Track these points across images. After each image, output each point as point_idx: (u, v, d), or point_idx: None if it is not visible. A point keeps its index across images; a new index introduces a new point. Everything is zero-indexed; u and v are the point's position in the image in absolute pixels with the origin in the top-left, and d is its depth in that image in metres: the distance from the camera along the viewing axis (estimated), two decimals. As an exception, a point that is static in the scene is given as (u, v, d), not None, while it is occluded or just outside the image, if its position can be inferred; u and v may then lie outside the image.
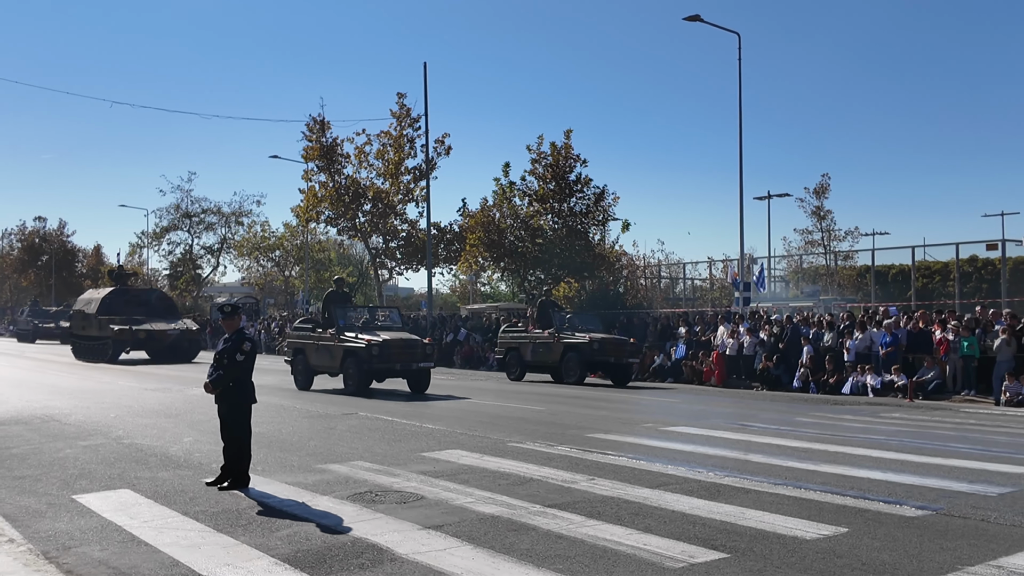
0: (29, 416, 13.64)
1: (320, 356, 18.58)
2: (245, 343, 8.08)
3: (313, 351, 18.78)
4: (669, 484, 8.17)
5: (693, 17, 25.07)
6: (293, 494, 7.73)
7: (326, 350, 18.38)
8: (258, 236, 56.56)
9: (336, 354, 18.06)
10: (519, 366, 23.34)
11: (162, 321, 31.25)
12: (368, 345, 17.30)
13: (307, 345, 19.03)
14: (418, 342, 18.30)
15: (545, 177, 32.92)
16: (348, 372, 17.80)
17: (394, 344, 17.59)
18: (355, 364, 17.59)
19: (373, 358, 17.26)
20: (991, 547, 5.98)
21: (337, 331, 18.08)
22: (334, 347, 18.10)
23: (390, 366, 17.58)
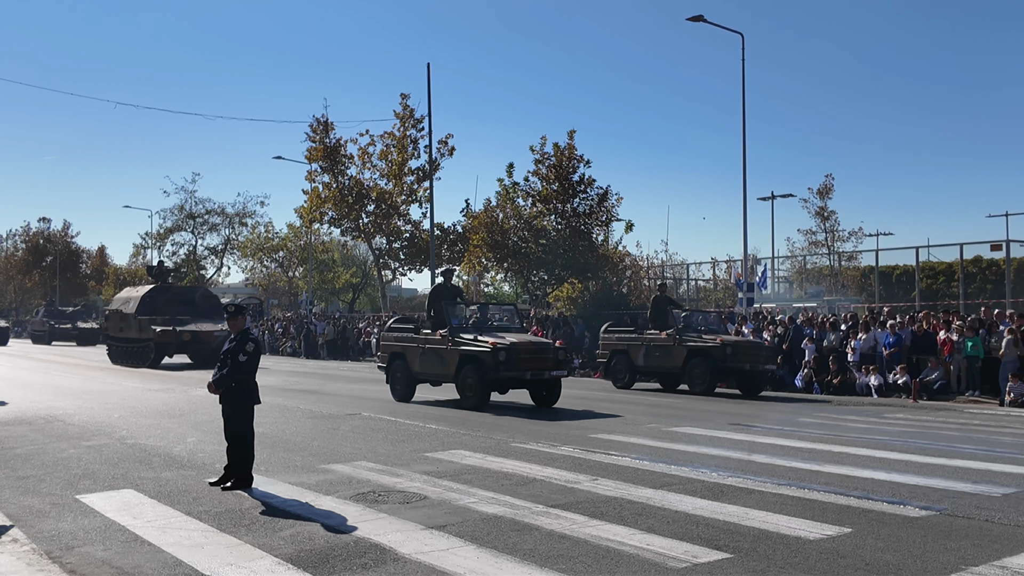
0: (33, 416, 13.67)
1: (427, 362, 15.82)
2: (248, 343, 8.09)
3: (417, 356, 16.01)
4: (672, 484, 8.16)
5: (696, 17, 25.05)
6: (296, 494, 7.74)
7: (435, 355, 15.61)
8: (262, 237, 56.62)
9: (449, 360, 15.26)
10: (628, 372, 20.34)
11: (207, 322, 28.59)
12: (494, 349, 14.42)
13: (408, 349, 16.25)
14: (550, 346, 15.48)
15: (548, 178, 32.91)
16: (466, 382, 14.95)
17: (523, 348, 14.73)
18: (475, 372, 14.76)
19: (499, 365, 14.37)
20: (995, 547, 5.96)
21: (451, 332, 15.30)
22: (446, 351, 15.30)
23: (518, 375, 14.63)
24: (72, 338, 50.23)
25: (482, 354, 14.64)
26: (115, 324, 30.25)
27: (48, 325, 51.50)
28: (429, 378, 16.30)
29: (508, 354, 14.45)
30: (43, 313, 53.85)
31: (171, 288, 31.50)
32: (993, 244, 30.24)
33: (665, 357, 19.47)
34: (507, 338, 14.96)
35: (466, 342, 14.99)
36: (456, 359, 15.08)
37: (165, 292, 30.20)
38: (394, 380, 16.69)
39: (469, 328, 15.61)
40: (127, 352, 29.09)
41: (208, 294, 32.72)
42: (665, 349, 19.45)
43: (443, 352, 15.42)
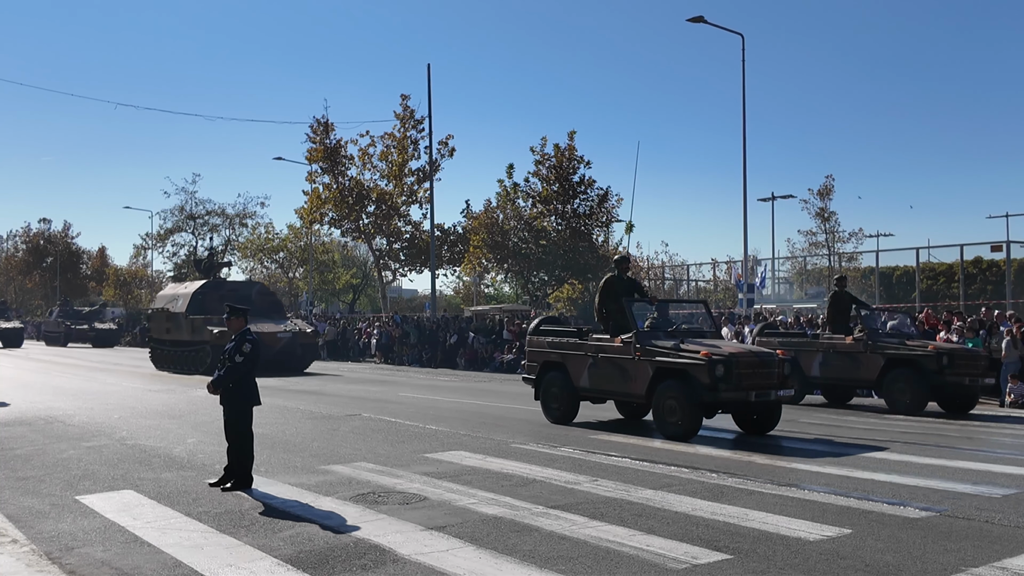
0: (33, 417, 13.67)
1: (601, 375, 12.51)
2: (245, 344, 8.10)
3: (584, 367, 12.73)
4: (672, 485, 8.16)
5: (697, 18, 25.06)
6: (296, 495, 7.74)
7: (614, 367, 12.28)
8: (262, 238, 56.65)
9: (637, 373, 11.90)
10: (800, 381, 15.23)
11: (268, 322, 25.43)
12: (709, 362, 10.97)
13: (572, 358, 12.95)
14: (774, 358, 11.69)
15: (548, 179, 32.93)
16: (665, 403, 11.46)
17: (744, 361, 11.24)
18: (680, 391, 11.32)
19: (717, 383, 10.94)
20: (995, 548, 5.96)
21: (638, 338, 11.91)
22: (633, 363, 11.93)
23: (740, 395, 11.11)
24: (88, 340, 48.24)
25: (691, 367, 11.18)
26: (160, 325, 27.43)
27: (64, 326, 49.30)
28: (602, 395, 13.10)
29: (727, 367, 10.98)
30: (58, 314, 51.63)
31: (224, 284, 28.49)
32: (993, 245, 30.27)
33: (853, 367, 15.74)
34: (720, 347, 11.66)
35: (663, 351, 11.63)
36: (648, 373, 11.71)
37: (218, 288, 27.13)
38: (549, 396, 13.41)
39: (659, 333, 12.25)
40: (177, 356, 26.19)
41: (265, 290, 29.85)
42: (853, 358, 15.70)
43: (627, 364, 12.05)
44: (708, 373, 10.99)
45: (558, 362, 13.25)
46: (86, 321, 49.21)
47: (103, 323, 50.21)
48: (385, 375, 25.55)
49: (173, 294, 28.51)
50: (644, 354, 11.82)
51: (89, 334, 48.03)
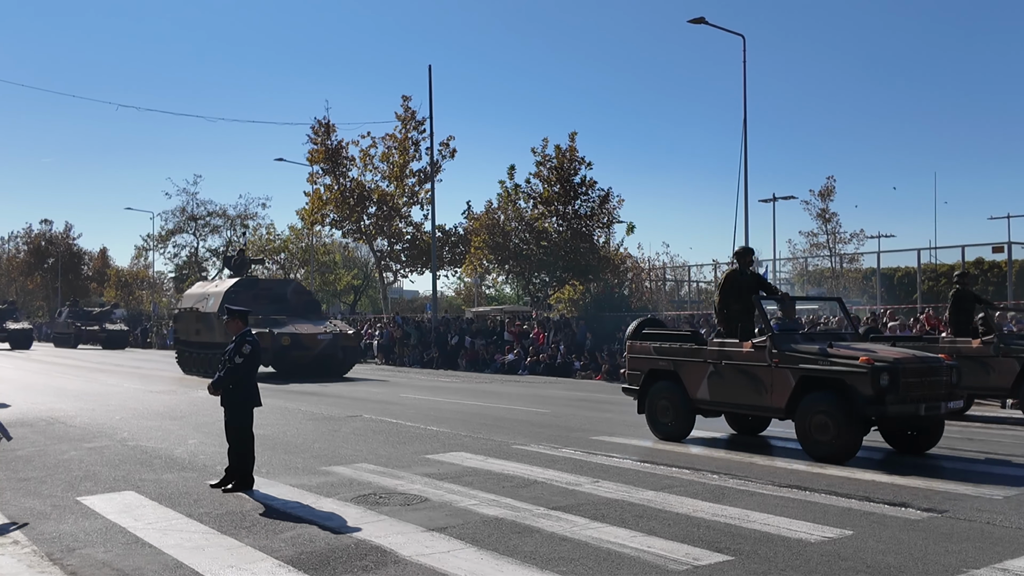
0: (35, 418, 13.68)
1: (726, 385, 10.79)
2: (245, 345, 8.10)
3: (703, 376, 11.03)
4: (673, 487, 8.16)
5: (698, 20, 25.06)
6: (297, 496, 7.74)
7: (743, 376, 10.55)
8: (263, 239, 56.68)
9: (775, 383, 10.15)
10: None
11: (306, 322, 24.12)
12: (872, 369, 9.36)
13: (686, 366, 11.27)
14: (942, 363, 10.07)
15: (550, 180, 32.91)
16: (813, 418, 9.73)
17: (912, 368, 9.63)
18: (834, 404, 9.63)
19: (883, 394, 9.34)
20: (996, 550, 5.96)
21: (775, 342, 10.20)
22: (769, 371, 10.21)
23: (909, 409, 9.51)
24: (99, 341, 46.96)
25: (849, 376, 9.53)
26: (189, 326, 25.62)
27: (74, 327, 47.72)
28: (726, 408, 11.25)
29: (893, 376, 9.37)
30: (67, 314, 49.88)
31: (259, 282, 27.00)
32: (995, 246, 30.20)
33: (983, 373, 14.03)
34: (876, 351, 9.98)
35: (809, 357, 9.91)
36: (789, 383, 10.01)
37: (252, 287, 25.60)
38: (656, 409, 11.65)
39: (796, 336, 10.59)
40: (207, 359, 24.06)
41: (300, 289, 27.86)
42: (982, 364, 13.88)
43: (760, 372, 10.33)
44: (871, 383, 9.30)
45: (668, 371, 11.53)
46: (96, 322, 47.96)
47: (113, 324, 48.92)
48: (386, 376, 25.56)
49: (203, 293, 26.51)
50: (784, 361, 10.05)
51: (100, 335, 46.94)
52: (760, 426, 12.22)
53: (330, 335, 23.71)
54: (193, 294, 27.71)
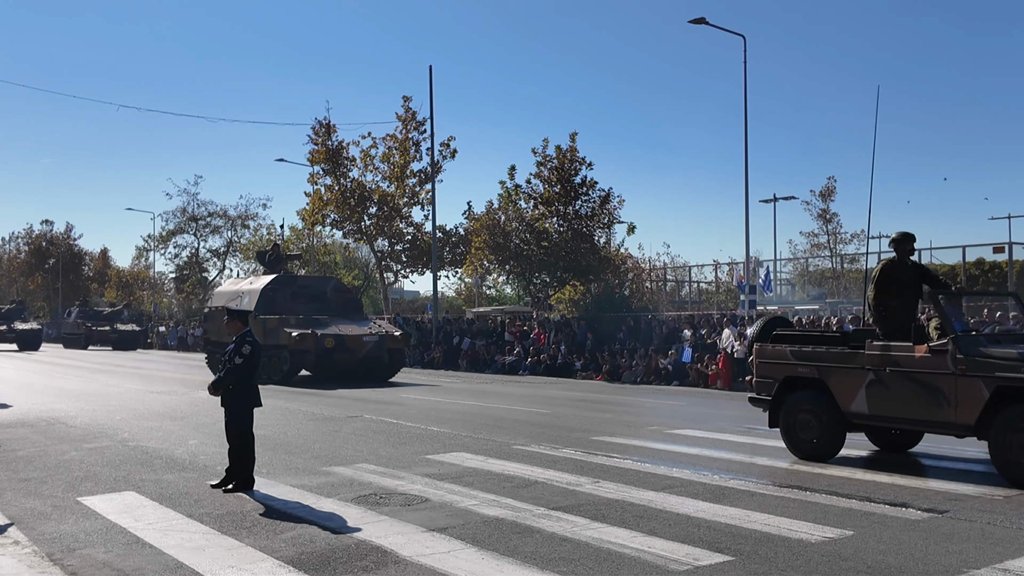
0: (35, 419, 13.69)
1: (893, 396, 9.10)
2: (245, 346, 8.10)
3: (862, 385, 9.34)
4: (674, 487, 8.16)
5: (699, 20, 25.06)
6: (298, 496, 7.75)
7: (915, 385, 8.91)
8: (264, 239, 56.70)
9: (962, 395, 8.54)
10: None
11: (349, 323, 22.38)
12: None
13: (838, 372, 9.59)
14: None
15: (550, 180, 32.93)
16: (1018, 439, 8.14)
17: None
18: None
19: None
20: (997, 550, 5.96)
21: (961, 345, 8.60)
22: (952, 381, 8.61)
23: None
24: (110, 342, 45.44)
25: None
26: (221, 326, 22.33)
27: (84, 328, 46.02)
28: (893, 423, 9.42)
29: None
30: (76, 314, 48.19)
31: (296, 279, 24.88)
32: (996, 246, 30.21)
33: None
34: None
35: (1008, 363, 8.30)
36: (981, 395, 8.39)
37: (289, 284, 23.70)
38: (796, 423, 9.93)
39: (981, 339, 9.06)
40: None
41: (341, 287, 25.74)
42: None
43: (939, 382, 8.73)
44: None
45: (811, 378, 9.85)
46: (107, 322, 46.44)
47: (125, 324, 47.29)
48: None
49: (236, 291, 24.76)
50: (973, 368, 8.44)
51: (111, 336, 45.41)
52: (908, 443, 10.52)
53: (376, 336, 21.76)
54: (225, 292, 25.71)
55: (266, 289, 22.98)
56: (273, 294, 22.78)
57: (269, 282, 23.37)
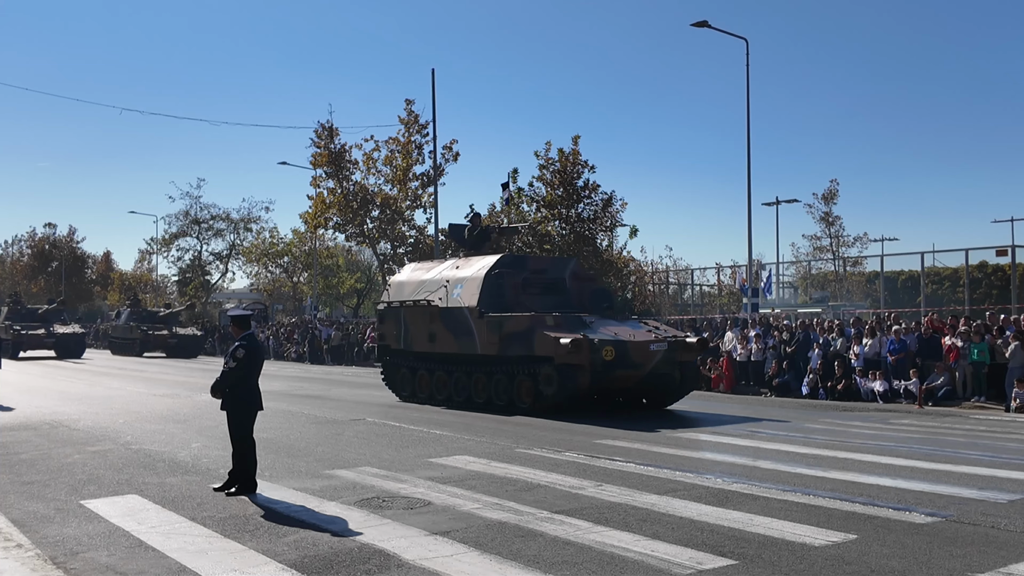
0: (38, 422, 13.70)
1: None
2: (239, 349, 8.10)
3: None
4: (677, 490, 8.15)
5: (701, 23, 25.08)
6: (300, 500, 7.74)
7: None
8: (266, 242, 56.79)
9: None
10: None
11: (616, 324, 15.65)
12: None
13: None
14: None
15: (553, 183, 32.95)
16: None
17: None
18: None
19: None
20: (1001, 554, 5.94)
21: None
22: None
23: None
24: (166, 348, 40.01)
25: None
26: (416, 329, 17.31)
27: (138, 332, 40.22)
28: None
29: None
30: (128, 316, 42.37)
31: (527, 260, 17.75)
32: (999, 249, 30.12)
33: None
34: None
35: None
36: None
37: (519, 267, 16.91)
38: None
39: None
40: (462, 379, 16.47)
41: (581, 272, 18.26)
42: None
43: None
44: None
45: None
46: (164, 325, 40.86)
47: (184, 328, 42.32)
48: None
49: (438, 279, 17.32)
50: None
51: (169, 341, 39.81)
52: None
53: (664, 344, 15.08)
54: (410, 281, 18.32)
55: (492, 274, 16.15)
56: (501, 280, 16.10)
57: (494, 266, 16.35)
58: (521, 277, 16.62)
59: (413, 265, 19.79)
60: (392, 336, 18.15)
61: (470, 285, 16.34)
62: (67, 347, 38.08)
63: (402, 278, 18.98)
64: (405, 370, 17.85)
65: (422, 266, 19.06)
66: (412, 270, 19.06)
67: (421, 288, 17.53)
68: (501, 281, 16.18)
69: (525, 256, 18.31)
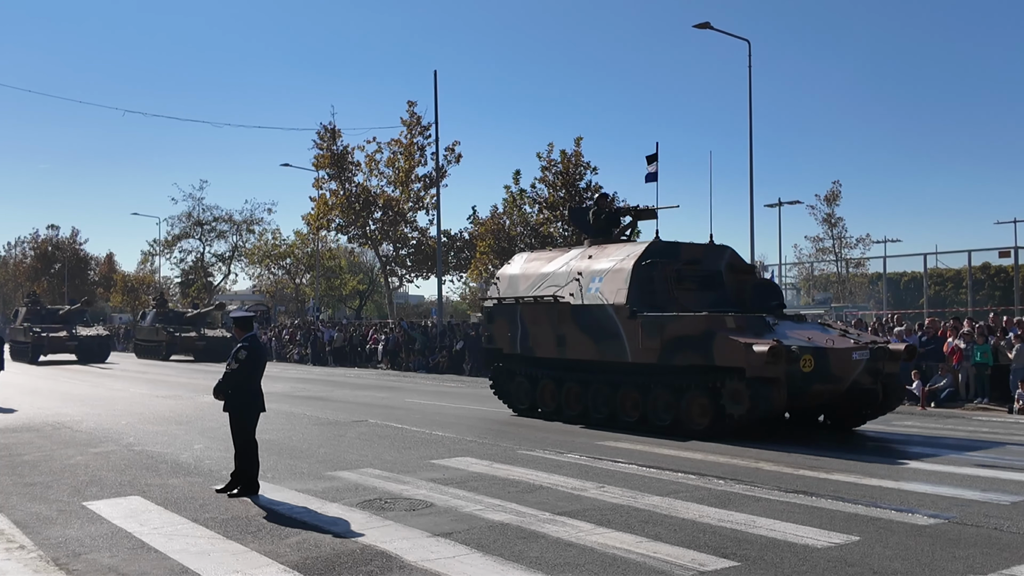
0: (41, 423, 13.72)
1: None
2: (240, 351, 8.10)
3: None
4: (679, 492, 8.14)
5: (703, 25, 25.08)
6: (303, 501, 7.75)
7: None
8: (269, 244, 56.83)
9: None
10: None
11: (805, 327, 13.02)
12: None
13: None
14: None
15: (555, 184, 32.97)
16: None
17: None
18: None
19: None
20: (1003, 556, 5.93)
21: None
22: None
23: None
24: (195, 351, 36.78)
25: None
26: (539, 329, 14.39)
27: (165, 333, 37.31)
28: None
29: None
30: (153, 317, 39.34)
31: (679, 248, 14.04)
32: (1001, 251, 30.14)
33: None
34: None
35: None
36: None
37: (671, 256, 13.72)
38: None
39: None
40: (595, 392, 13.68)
41: (740, 263, 14.75)
42: None
43: None
44: None
45: None
46: (192, 326, 38.15)
47: (213, 330, 39.18)
48: (391, 381, 25.56)
49: (564, 271, 14.26)
50: None
51: (197, 344, 36.73)
52: None
53: (867, 352, 12.19)
54: (532, 273, 14.99)
55: (642, 267, 13.23)
56: (653, 274, 13.22)
57: (644, 255, 13.40)
58: (674, 267, 13.51)
59: (525, 256, 16.48)
60: (504, 339, 15.12)
61: (614, 278, 13.26)
62: (90, 350, 35.44)
63: (514, 270, 15.71)
64: (523, 379, 14.96)
65: (539, 256, 15.92)
66: (527, 261, 15.85)
67: (543, 282, 14.48)
68: (653, 273, 13.19)
69: (676, 243, 14.08)
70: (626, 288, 12.96)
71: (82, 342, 35.42)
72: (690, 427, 12.25)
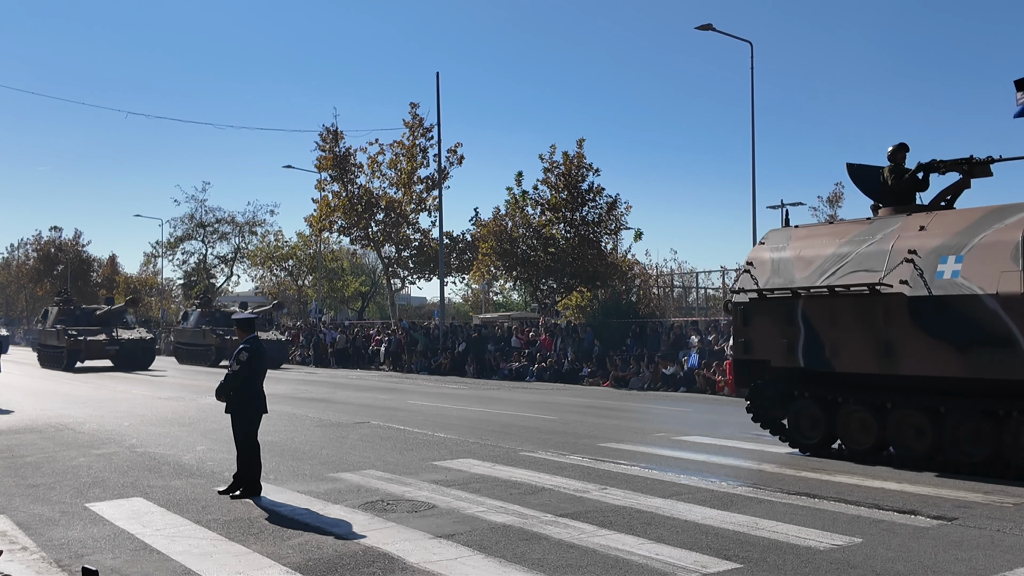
0: (43, 425, 13.73)
1: None
2: (242, 353, 8.11)
3: None
4: (682, 494, 8.14)
5: (706, 26, 25.09)
6: (305, 503, 7.75)
7: None
8: (271, 246, 56.87)
9: None
10: None
11: None
12: None
13: None
14: None
15: (557, 186, 32.94)
16: None
17: None
18: None
19: None
20: (1006, 558, 5.92)
21: None
22: None
23: None
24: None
25: None
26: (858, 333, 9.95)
27: (213, 336, 32.70)
28: None
29: None
30: (198, 318, 34.90)
31: None
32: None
33: None
34: None
35: None
36: None
37: None
38: None
39: None
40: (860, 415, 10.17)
41: None
42: None
43: None
44: None
45: None
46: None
47: (265, 332, 31.84)
48: (394, 383, 25.57)
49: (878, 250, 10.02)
50: None
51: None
52: None
53: None
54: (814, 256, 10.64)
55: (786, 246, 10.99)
56: None
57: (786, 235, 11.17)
58: None
59: (791, 231, 11.39)
60: (773, 346, 10.81)
61: (987, 255, 9.06)
62: (132, 356, 30.77)
63: (781, 252, 11.03)
64: (809, 403, 10.71)
65: (815, 232, 11.32)
66: (797, 239, 11.08)
67: (838, 266, 10.27)
68: None
69: None
70: (1019, 269, 8.71)
71: (123, 347, 30.71)
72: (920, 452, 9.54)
